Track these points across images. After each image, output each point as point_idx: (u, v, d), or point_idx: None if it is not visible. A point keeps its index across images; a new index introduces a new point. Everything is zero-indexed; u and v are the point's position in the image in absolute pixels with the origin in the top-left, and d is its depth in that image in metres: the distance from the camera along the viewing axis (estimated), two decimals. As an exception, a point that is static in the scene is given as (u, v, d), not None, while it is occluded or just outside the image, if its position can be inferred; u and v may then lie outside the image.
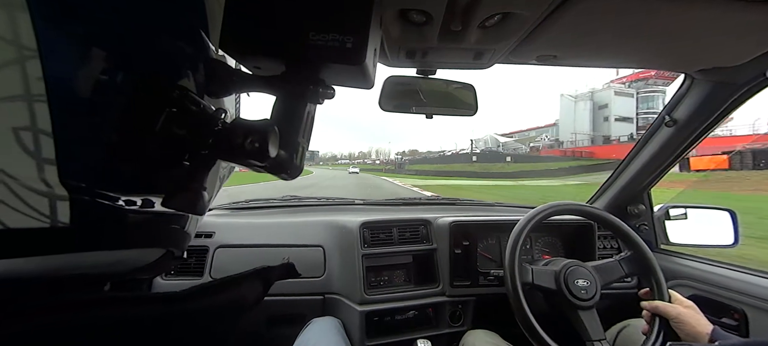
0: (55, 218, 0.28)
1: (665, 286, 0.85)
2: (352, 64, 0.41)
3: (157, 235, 0.44)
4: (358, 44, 0.41)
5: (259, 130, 0.36)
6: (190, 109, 0.38)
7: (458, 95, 0.93)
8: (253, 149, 0.36)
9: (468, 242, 1.17)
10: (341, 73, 0.45)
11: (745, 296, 0.92)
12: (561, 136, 47.38)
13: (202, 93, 0.42)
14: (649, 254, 0.91)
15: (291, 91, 0.44)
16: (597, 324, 0.84)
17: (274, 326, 1.12)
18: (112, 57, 0.31)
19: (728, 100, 0.93)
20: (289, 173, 0.44)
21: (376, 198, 1.66)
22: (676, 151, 1.11)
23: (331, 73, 0.45)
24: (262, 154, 0.36)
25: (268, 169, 0.40)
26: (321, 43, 0.41)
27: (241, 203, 1.51)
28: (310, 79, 0.44)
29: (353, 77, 0.46)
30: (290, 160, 0.43)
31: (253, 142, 0.36)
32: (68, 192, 0.28)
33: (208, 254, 1.13)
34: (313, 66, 0.43)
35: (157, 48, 0.37)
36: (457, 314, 1.15)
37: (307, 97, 0.45)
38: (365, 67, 0.42)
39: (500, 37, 0.69)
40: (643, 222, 1.29)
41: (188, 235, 0.53)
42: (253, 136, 0.36)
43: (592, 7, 0.58)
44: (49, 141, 0.26)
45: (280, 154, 0.40)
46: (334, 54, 0.41)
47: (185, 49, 0.41)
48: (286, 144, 0.41)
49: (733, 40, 0.69)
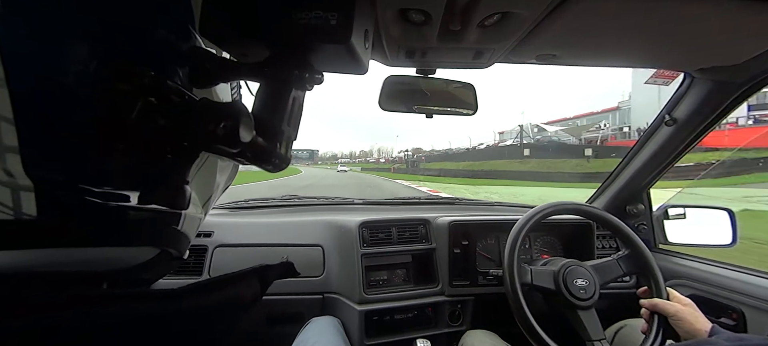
0: (19, 210, 0.27)
1: (663, 284, 0.85)
2: (337, 42, 0.38)
3: (143, 232, 0.42)
4: (343, 20, 0.38)
5: (229, 111, 0.34)
6: (171, 99, 0.36)
7: (458, 95, 0.93)
8: (223, 134, 0.33)
9: (467, 241, 1.17)
10: (329, 56, 0.43)
11: (743, 296, 0.93)
12: (635, 122, 32.47)
13: (186, 83, 0.40)
14: (646, 252, 0.91)
15: (274, 77, 0.42)
16: (596, 324, 0.85)
17: (274, 325, 1.12)
18: (80, 40, 0.29)
19: (728, 99, 0.93)
20: (273, 163, 0.42)
21: (376, 198, 1.66)
22: (675, 150, 1.11)
23: (318, 55, 0.43)
24: (233, 139, 0.33)
25: (246, 157, 0.38)
26: (304, 22, 0.38)
27: (240, 203, 1.51)
28: (295, 64, 0.42)
29: (342, 59, 0.43)
30: (272, 148, 0.41)
31: (224, 127, 0.33)
32: (33, 183, 0.27)
33: (206, 253, 1.13)
34: (297, 48, 0.41)
35: (133, 32, 0.35)
36: (456, 313, 1.15)
37: (292, 82, 0.42)
38: (352, 47, 0.39)
39: (499, 37, 0.69)
40: (642, 222, 1.29)
41: (185, 236, 0.52)
42: (225, 119, 0.33)
43: (592, 7, 0.58)
44: (10, 128, 0.24)
45: (257, 142, 0.38)
46: (318, 32, 0.38)
47: (165, 36, 0.39)
48: (267, 131, 0.39)
49: (732, 39, 0.69)
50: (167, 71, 0.38)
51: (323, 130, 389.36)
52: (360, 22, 0.40)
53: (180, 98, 0.37)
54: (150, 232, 0.43)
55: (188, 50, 0.41)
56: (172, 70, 0.39)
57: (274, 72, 0.42)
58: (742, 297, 0.93)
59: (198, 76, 0.42)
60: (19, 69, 0.25)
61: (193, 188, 0.44)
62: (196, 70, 0.41)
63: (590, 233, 1.20)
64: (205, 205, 0.55)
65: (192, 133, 0.36)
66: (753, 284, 0.93)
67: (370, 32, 0.46)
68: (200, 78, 0.42)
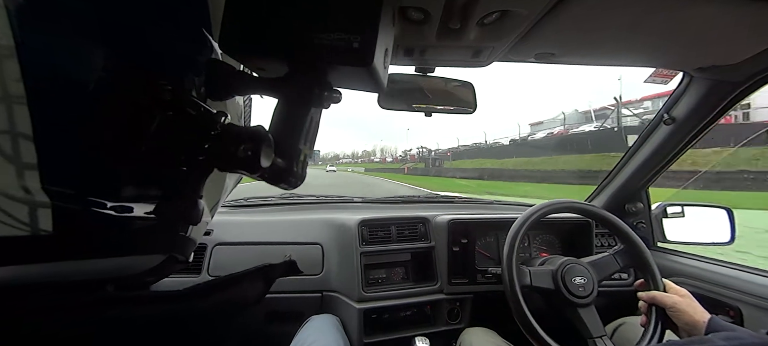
0: (36, 226, 0.26)
1: (659, 276, 0.86)
2: (359, 65, 0.38)
3: (155, 241, 0.42)
4: (366, 44, 0.37)
5: (252, 137, 0.34)
6: (187, 112, 0.36)
7: (457, 93, 0.93)
8: (245, 158, 0.33)
9: (466, 239, 1.17)
10: (349, 76, 0.42)
11: (740, 294, 0.93)
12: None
13: (201, 95, 0.40)
14: (641, 246, 0.92)
15: (293, 95, 0.41)
16: (596, 321, 0.85)
17: (273, 322, 1.12)
18: (101, 55, 0.29)
19: (727, 98, 0.93)
20: (289, 183, 0.41)
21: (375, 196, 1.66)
22: (674, 149, 1.11)
23: (337, 75, 0.42)
24: (253, 165, 0.33)
25: (264, 178, 0.38)
26: (326, 43, 0.37)
27: (240, 201, 1.51)
28: (314, 82, 0.41)
29: (361, 80, 0.43)
30: (289, 169, 0.40)
31: (245, 150, 0.33)
32: (50, 199, 0.27)
33: (206, 251, 1.13)
34: (317, 67, 0.40)
35: (152, 46, 0.35)
36: (455, 311, 1.15)
37: (311, 102, 0.41)
38: (374, 70, 0.38)
39: (498, 35, 0.69)
40: (641, 220, 1.30)
41: (192, 241, 0.52)
42: (246, 143, 0.33)
43: (590, 6, 0.58)
44: (29, 146, 0.24)
45: (276, 163, 0.37)
46: (340, 55, 0.38)
47: (184, 48, 0.39)
48: (285, 152, 0.39)
49: (731, 38, 0.69)
50: (184, 83, 0.38)
51: (325, 131, 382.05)
52: (381, 43, 0.39)
53: (196, 111, 0.37)
54: (161, 240, 0.43)
55: (207, 62, 0.41)
56: (189, 81, 0.39)
57: (293, 89, 0.41)
58: (739, 295, 0.93)
59: (215, 88, 0.42)
60: (38, 86, 0.24)
61: (204, 196, 0.45)
62: (213, 83, 0.41)
63: (589, 231, 1.21)
64: (212, 209, 0.55)
65: (210, 152, 0.36)
66: (750, 281, 0.93)
67: (390, 51, 0.46)
68: (217, 90, 0.42)
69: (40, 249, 0.28)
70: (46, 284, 0.32)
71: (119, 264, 0.40)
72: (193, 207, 0.38)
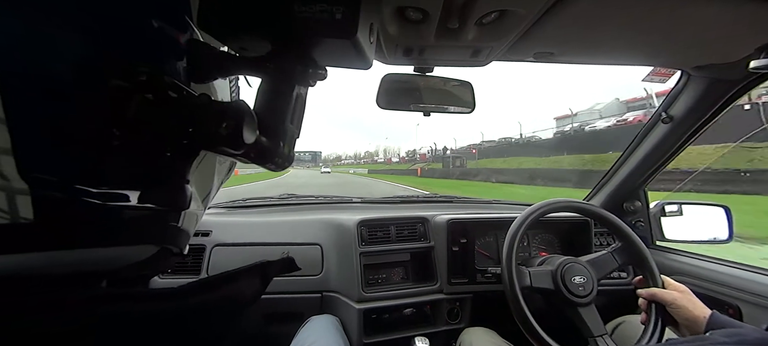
0: (16, 214, 0.26)
1: (658, 273, 0.86)
2: (342, 37, 0.37)
3: (144, 231, 0.41)
4: (349, 14, 0.36)
5: (232, 112, 0.33)
6: (168, 95, 0.35)
7: (456, 93, 0.93)
8: (227, 134, 0.33)
9: (465, 239, 1.18)
10: (333, 51, 0.41)
11: (738, 292, 0.93)
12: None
13: (183, 78, 0.39)
14: (639, 243, 0.92)
15: (276, 72, 0.40)
16: (597, 320, 0.85)
17: (272, 323, 1.12)
18: (73, 34, 0.28)
19: (724, 97, 0.93)
20: (276, 163, 0.40)
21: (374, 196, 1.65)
22: (672, 147, 1.12)
23: (322, 50, 0.41)
24: (236, 140, 0.33)
25: (249, 157, 0.37)
26: (307, 16, 0.36)
27: (239, 202, 1.51)
28: (298, 58, 0.41)
29: (346, 55, 0.41)
30: (275, 147, 0.39)
31: (227, 127, 0.32)
32: (29, 185, 0.26)
33: (204, 252, 1.13)
34: (300, 42, 0.39)
35: (129, 25, 0.34)
36: (455, 311, 1.15)
37: (295, 78, 0.41)
38: (357, 42, 0.37)
39: (497, 35, 0.69)
40: (640, 219, 1.30)
41: (185, 232, 0.51)
42: (228, 120, 0.33)
43: (588, 5, 0.58)
44: (2, 128, 0.24)
45: (261, 141, 0.37)
46: (322, 26, 0.36)
47: (163, 29, 0.38)
48: (270, 130, 0.38)
49: (728, 37, 0.69)
50: (164, 66, 0.37)
51: (327, 132, 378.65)
52: (366, 15, 0.39)
53: (178, 94, 0.36)
54: (150, 230, 0.42)
55: (186, 43, 0.40)
56: (169, 64, 0.38)
57: (276, 67, 0.40)
58: (738, 293, 0.94)
59: (196, 70, 0.41)
60: (9, 66, 0.24)
61: (193, 185, 0.44)
62: (194, 65, 0.40)
63: (588, 230, 1.21)
64: (204, 200, 0.55)
65: (193, 133, 0.35)
66: (749, 279, 0.93)
67: (375, 26, 0.45)
68: (199, 72, 0.41)
69: (22, 237, 0.27)
70: (33, 277, 0.32)
71: (108, 255, 0.39)
72: (180, 192, 0.38)
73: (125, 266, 0.44)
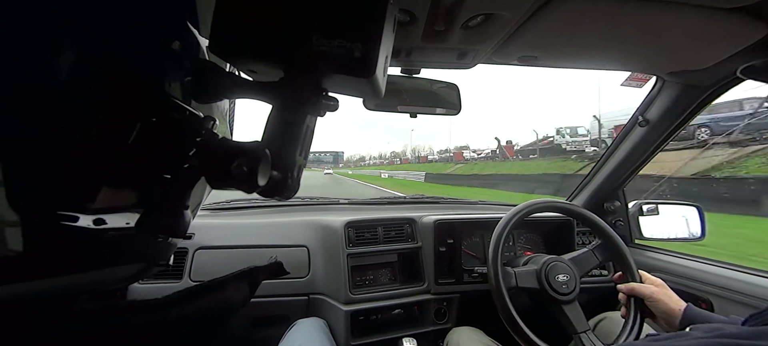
0: (5, 246, 0.24)
1: (636, 268, 0.89)
2: (361, 76, 0.35)
3: (135, 251, 0.40)
4: (368, 53, 0.35)
5: (249, 153, 0.32)
6: (171, 116, 0.34)
7: (442, 94, 0.94)
8: (240, 174, 0.31)
9: (452, 239, 1.19)
10: (346, 83, 0.39)
11: (711, 287, 0.98)
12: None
13: (187, 98, 0.38)
14: (618, 240, 0.96)
15: (289, 101, 0.38)
16: (580, 316, 0.88)
17: (258, 327, 1.10)
18: (74, 52, 0.26)
19: (696, 101, 0.98)
20: (283, 195, 0.39)
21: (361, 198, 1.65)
22: (648, 149, 1.16)
23: (334, 81, 0.39)
24: (250, 183, 0.31)
25: (258, 193, 0.36)
26: (325, 49, 0.35)
27: (223, 203, 1.48)
28: (310, 88, 0.39)
29: (360, 88, 0.40)
30: (284, 180, 0.38)
31: (240, 166, 0.31)
32: (19, 215, 0.24)
33: (187, 256, 1.10)
34: (314, 74, 0.38)
35: (134, 42, 0.32)
36: (442, 311, 1.16)
37: (307, 109, 0.39)
38: (375, 80, 0.36)
39: (483, 38, 0.70)
40: (619, 218, 1.35)
41: (173, 245, 0.49)
42: (241, 160, 0.31)
43: (571, 11, 0.60)
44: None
45: (272, 176, 0.35)
46: (340, 63, 0.35)
47: (169, 47, 0.36)
48: (281, 163, 0.36)
49: (701, 45, 0.73)
50: (169, 85, 0.35)
51: (350, 132, 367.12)
52: (383, 51, 0.37)
53: (180, 115, 0.34)
54: (140, 249, 0.41)
55: (194, 62, 0.38)
56: (173, 83, 0.36)
57: (288, 96, 0.39)
58: (710, 288, 0.98)
59: (202, 90, 0.39)
60: (0, 90, 0.22)
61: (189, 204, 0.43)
62: (200, 84, 0.38)
63: (571, 229, 1.24)
64: (193, 211, 0.53)
65: (199, 164, 0.33)
66: (720, 275, 0.98)
67: (389, 57, 0.43)
68: (205, 92, 0.39)
69: (8, 270, 0.26)
70: (15, 304, 0.30)
71: (95, 278, 0.38)
72: (179, 219, 0.36)
73: (111, 282, 0.43)
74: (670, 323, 0.75)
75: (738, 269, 0.97)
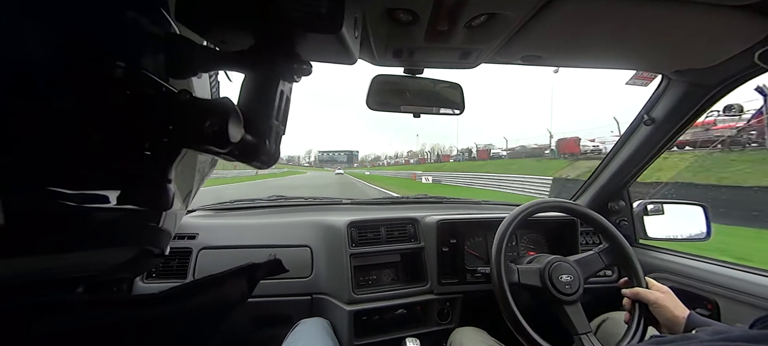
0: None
1: (642, 273, 0.88)
2: (327, 32, 0.36)
3: (123, 233, 0.40)
4: (333, 8, 0.35)
5: (218, 110, 0.32)
6: (145, 91, 0.34)
7: (446, 94, 0.94)
8: (212, 133, 0.31)
9: (455, 239, 1.18)
10: (318, 45, 0.40)
11: (716, 287, 0.97)
12: None
13: (161, 73, 0.38)
14: (625, 244, 0.94)
15: (260, 68, 0.39)
16: (582, 318, 0.87)
17: (261, 327, 1.10)
18: (40, 26, 0.26)
19: (702, 100, 0.97)
20: (262, 161, 0.39)
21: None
22: (654, 148, 1.15)
23: (306, 45, 0.40)
24: (222, 139, 0.32)
25: (234, 155, 0.36)
26: (291, 9, 0.35)
27: (226, 204, 1.48)
28: (282, 53, 0.39)
29: (331, 49, 0.41)
30: (261, 145, 0.38)
31: (211, 126, 0.31)
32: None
33: (191, 256, 1.10)
34: (284, 37, 0.38)
35: (104, 19, 0.32)
36: (445, 311, 1.16)
37: (280, 74, 0.40)
38: (342, 37, 0.36)
39: (486, 38, 0.70)
40: (623, 218, 1.34)
41: (166, 232, 0.49)
42: (212, 118, 0.32)
43: (575, 10, 0.60)
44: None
45: (246, 139, 0.36)
46: (306, 21, 0.35)
47: (138, 22, 0.36)
48: (255, 128, 0.37)
49: (706, 44, 0.72)
50: (140, 61, 0.35)
51: (365, 130, 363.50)
52: (350, 9, 0.38)
53: (156, 90, 0.35)
54: (128, 232, 0.41)
55: (164, 37, 0.38)
56: (146, 59, 0.36)
57: (259, 62, 0.39)
58: (716, 288, 0.97)
59: (175, 65, 0.39)
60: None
61: (175, 183, 0.43)
62: (173, 59, 0.39)
63: (574, 229, 1.24)
64: (186, 198, 0.53)
65: (174, 130, 0.34)
66: (726, 275, 0.97)
67: (360, 19, 0.44)
68: (177, 68, 0.39)
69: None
70: (9, 283, 0.30)
71: (84, 259, 0.38)
72: (162, 193, 0.37)
73: (102, 271, 0.43)
74: (673, 331, 0.74)
75: (744, 270, 0.96)
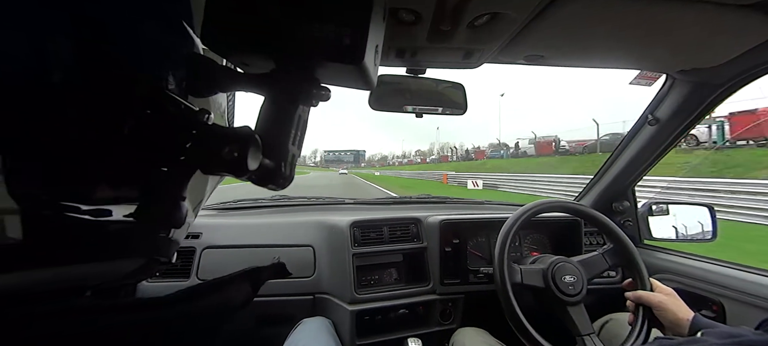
0: (3, 234, 0.25)
1: (647, 275, 0.87)
2: (349, 62, 0.36)
3: (135, 245, 0.40)
4: (357, 40, 0.35)
5: (239, 138, 0.32)
6: (167, 109, 0.34)
7: (448, 94, 0.94)
8: (231, 160, 0.32)
9: (458, 240, 1.18)
10: (338, 73, 0.40)
11: (722, 289, 0.96)
12: None
13: (182, 91, 0.39)
14: (630, 245, 0.93)
15: (280, 92, 0.39)
16: (585, 319, 0.86)
17: (264, 326, 1.11)
18: (69, 48, 0.27)
19: (706, 100, 0.96)
20: (278, 184, 0.40)
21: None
22: (658, 148, 1.14)
23: (326, 71, 0.40)
24: (240, 167, 0.32)
25: (250, 179, 0.37)
26: (314, 38, 0.36)
27: (230, 203, 1.49)
28: (302, 79, 0.40)
29: (351, 77, 0.41)
30: (277, 169, 0.39)
31: (231, 152, 0.32)
32: (18, 204, 0.25)
33: (194, 255, 1.11)
34: (305, 63, 0.39)
35: (130, 37, 0.33)
36: (447, 311, 1.16)
37: (299, 99, 0.40)
38: (364, 68, 0.37)
39: (489, 37, 0.70)
40: (628, 218, 1.33)
41: (175, 242, 0.50)
42: (232, 145, 0.32)
43: (578, 10, 0.60)
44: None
45: (264, 164, 0.36)
46: (329, 50, 0.36)
47: (162, 41, 0.37)
48: (273, 152, 0.37)
49: (711, 43, 0.71)
50: (164, 79, 0.36)
51: (371, 130, 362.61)
52: (372, 39, 0.38)
53: (176, 109, 0.35)
54: (140, 243, 0.42)
55: (188, 57, 0.39)
56: (170, 77, 0.37)
57: (280, 86, 0.39)
58: (722, 290, 0.96)
59: (196, 84, 0.40)
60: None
61: (187, 195, 0.43)
62: (195, 78, 0.39)
63: (578, 229, 1.23)
64: (195, 208, 0.54)
65: (192, 151, 0.34)
66: (732, 276, 0.96)
67: (380, 48, 0.44)
68: (199, 87, 0.40)
69: (9, 258, 0.26)
70: (17, 295, 0.31)
71: (97, 270, 0.38)
72: (176, 210, 0.37)
73: (110, 280, 0.43)
74: (677, 334, 0.73)
75: (750, 271, 0.95)
